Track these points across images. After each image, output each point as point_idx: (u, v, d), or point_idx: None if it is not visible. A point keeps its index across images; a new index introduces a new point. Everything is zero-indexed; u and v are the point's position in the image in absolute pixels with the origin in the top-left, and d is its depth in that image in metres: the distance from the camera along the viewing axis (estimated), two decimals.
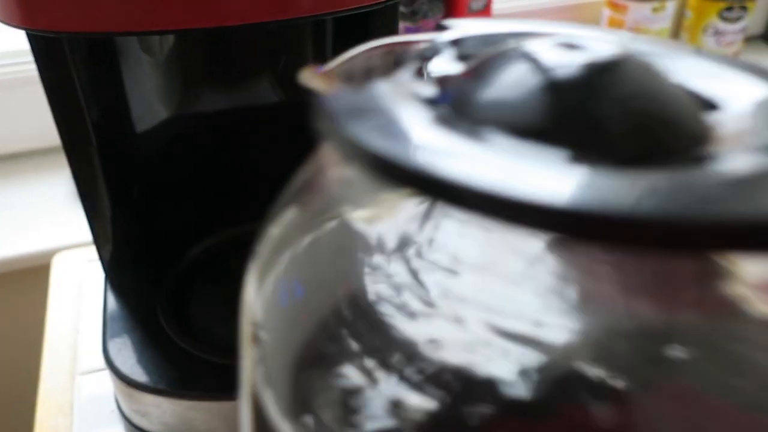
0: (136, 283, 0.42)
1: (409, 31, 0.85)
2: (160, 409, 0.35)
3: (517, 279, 0.15)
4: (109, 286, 0.41)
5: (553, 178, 0.11)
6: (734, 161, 0.12)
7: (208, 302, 0.41)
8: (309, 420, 0.16)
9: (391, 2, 0.33)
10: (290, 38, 0.42)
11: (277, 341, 0.17)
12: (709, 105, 0.15)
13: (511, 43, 0.15)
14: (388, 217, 0.16)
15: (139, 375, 0.35)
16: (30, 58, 0.32)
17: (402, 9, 0.85)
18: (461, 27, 0.17)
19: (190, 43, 0.40)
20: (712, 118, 0.14)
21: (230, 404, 0.35)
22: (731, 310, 0.14)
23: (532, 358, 0.14)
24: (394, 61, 0.16)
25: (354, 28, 0.39)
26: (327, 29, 0.41)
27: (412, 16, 0.87)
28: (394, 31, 0.38)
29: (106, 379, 0.38)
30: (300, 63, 0.44)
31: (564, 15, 0.97)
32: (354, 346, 0.15)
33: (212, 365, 0.36)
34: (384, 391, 0.15)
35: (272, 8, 0.30)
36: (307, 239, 0.18)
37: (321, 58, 0.43)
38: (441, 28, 0.18)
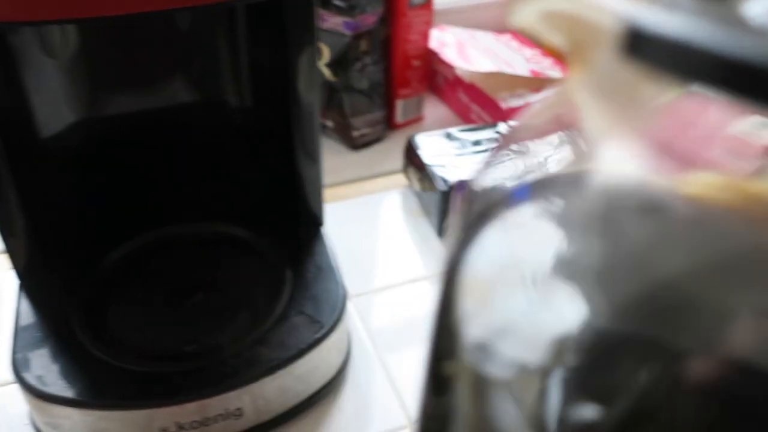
0: (49, 290, 0.40)
1: (348, 26, 0.84)
2: (71, 420, 0.34)
3: None
4: (23, 294, 0.40)
5: None
6: None
7: (125, 308, 0.40)
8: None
9: None
10: (201, 36, 0.41)
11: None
12: None
13: None
14: None
15: (46, 385, 0.34)
16: None
17: (340, 3, 0.84)
18: None
19: (95, 42, 0.39)
20: None
21: (144, 413, 0.34)
22: None
23: None
24: None
25: (267, 22, 0.39)
26: (239, 26, 0.40)
27: (351, 10, 0.86)
28: (311, 26, 0.37)
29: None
30: (213, 62, 0.43)
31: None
32: None
33: (125, 372, 0.35)
34: None
35: None
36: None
37: (234, 57, 0.42)
38: None
